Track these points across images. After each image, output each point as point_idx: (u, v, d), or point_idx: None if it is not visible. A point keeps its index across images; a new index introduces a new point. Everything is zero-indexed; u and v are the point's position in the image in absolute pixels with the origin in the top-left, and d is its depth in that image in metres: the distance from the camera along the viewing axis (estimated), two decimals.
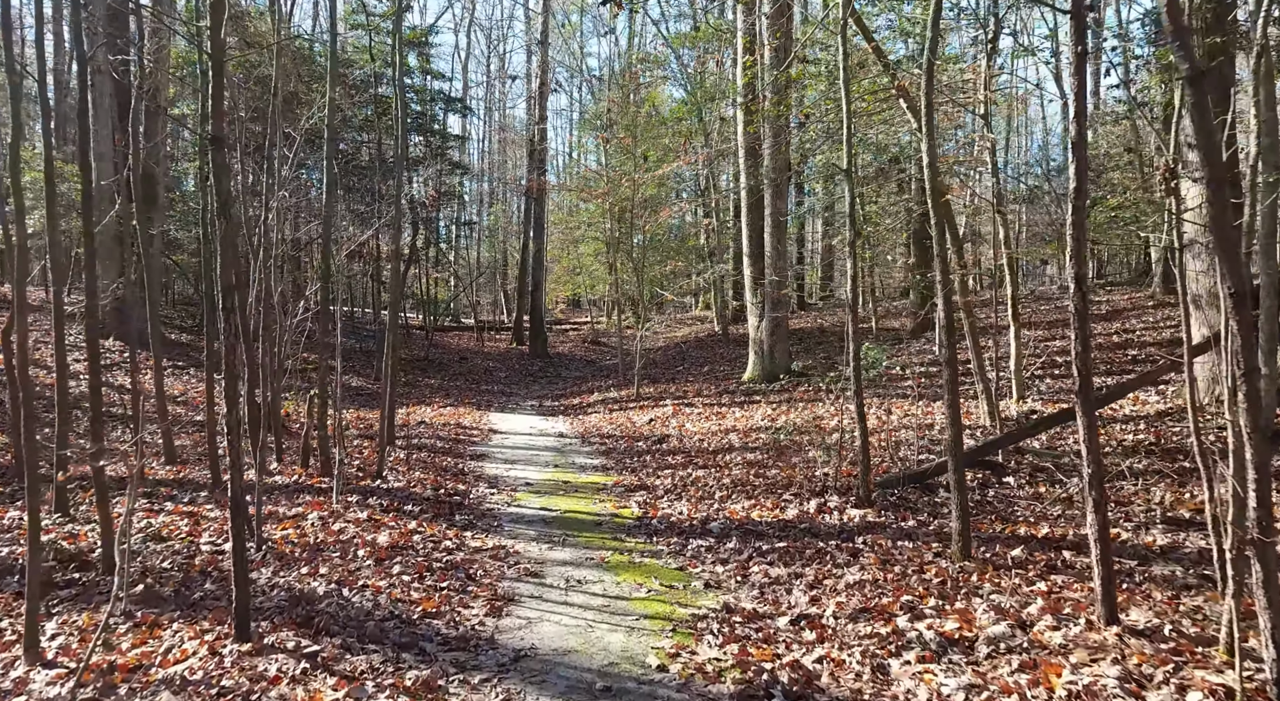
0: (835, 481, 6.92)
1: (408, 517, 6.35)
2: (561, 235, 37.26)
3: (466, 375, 20.55)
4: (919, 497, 6.39)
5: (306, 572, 4.81)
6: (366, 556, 5.17)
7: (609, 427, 12.10)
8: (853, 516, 5.94)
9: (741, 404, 12.65)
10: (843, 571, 4.71)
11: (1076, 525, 5.31)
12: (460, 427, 12.21)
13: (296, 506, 6.69)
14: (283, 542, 5.48)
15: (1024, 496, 6.26)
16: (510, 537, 5.98)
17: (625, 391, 15.93)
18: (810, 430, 9.98)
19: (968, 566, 4.54)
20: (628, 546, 5.72)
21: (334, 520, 6.12)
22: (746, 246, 14.65)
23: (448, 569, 5.05)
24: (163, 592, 4.47)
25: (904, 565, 4.71)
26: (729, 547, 5.48)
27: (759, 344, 14.25)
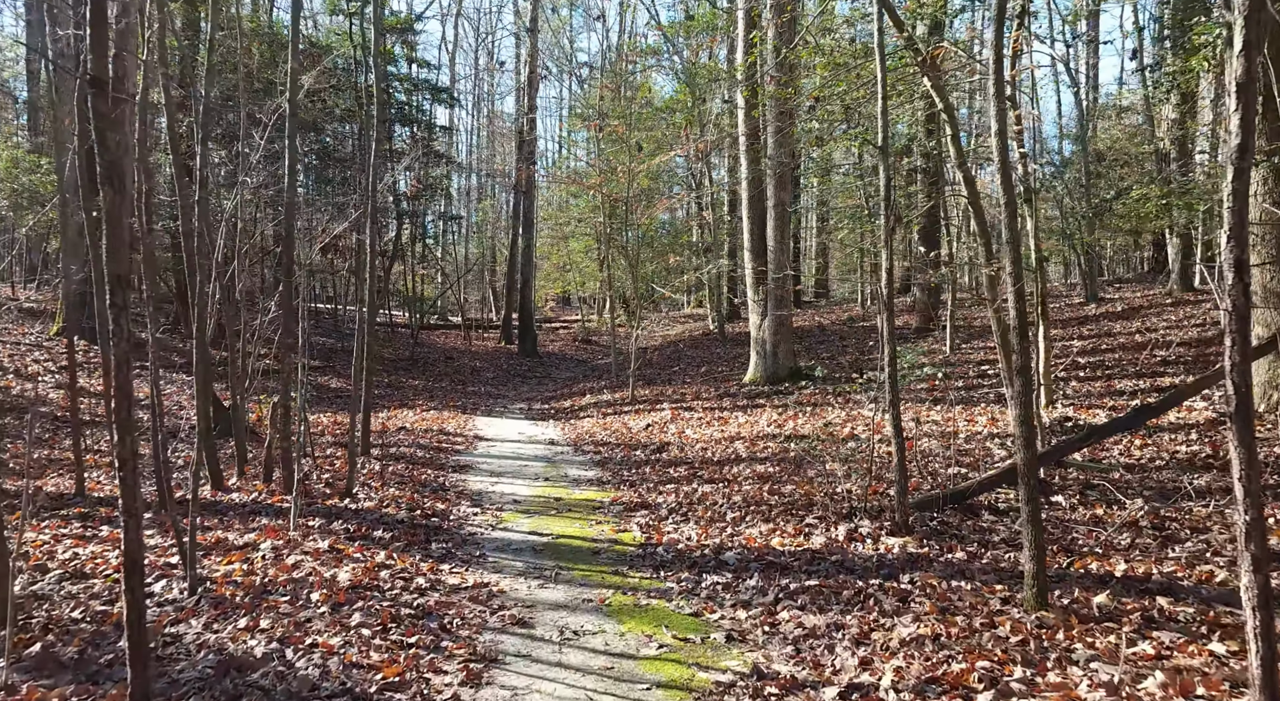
0: (864, 502, 6.12)
1: (376, 546, 5.52)
2: (551, 231, 36.37)
3: (452, 376, 19.69)
4: (961, 522, 5.60)
5: (245, 625, 3.98)
6: (322, 601, 4.33)
7: (603, 434, 11.28)
8: (890, 546, 5.15)
9: (745, 408, 11.86)
10: (893, 622, 3.92)
11: (1156, 559, 4.54)
12: (443, 434, 11.36)
13: (250, 532, 5.85)
14: (224, 582, 4.63)
15: (1081, 520, 5.49)
16: (494, 571, 5.15)
17: (619, 393, 15.12)
18: (823, 439, 9.20)
19: (1046, 618, 3.75)
20: (631, 583, 4.91)
21: (290, 551, 5.28)
22: (747, 240, 13.86)
23: (418, 616, 4.23)
24: (63, 655, 3.63)
25: (967, 614, 3.92)
26: (750, 586, 4.67)
27: (761, 344, 13.46)
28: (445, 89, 22.81)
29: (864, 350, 16.09)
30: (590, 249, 33.92)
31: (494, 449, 10.42)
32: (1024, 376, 3.93)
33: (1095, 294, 17.25)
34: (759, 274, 13.63)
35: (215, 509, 6.64)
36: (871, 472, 6.56)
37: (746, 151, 13.77)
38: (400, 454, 9.56)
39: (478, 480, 8.28)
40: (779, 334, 13.21)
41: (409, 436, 11.02)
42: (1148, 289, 17.71)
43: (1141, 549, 4.78)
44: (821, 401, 11.59)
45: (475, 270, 36.66)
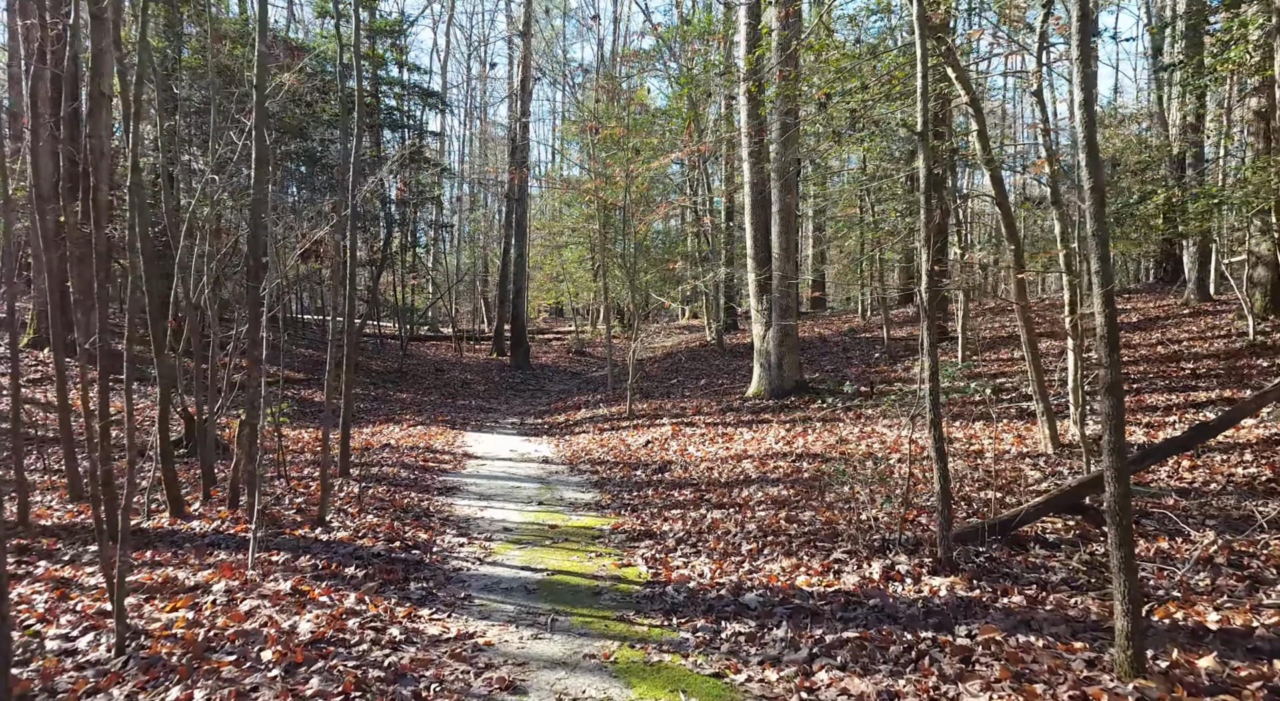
0: (896, 532, 5.47)
1: (347, 587, 4.84)
2: (544, 241, 35.77)
3: (442, 389, 19.00)
4: (1009, 557, 4.96)
5: (176, 698, 3.29)
6: (275, 661, 3.65)
7: (600, 451, 10.62)
8: (935, 588, 4.50)
9: (750, 423, 11.21)
10: (957, 690, 3.26)
11: (1251, 607, 3.90)
12: (430, 452, 10.68)
13: (205, 569, 5.16)
14: (161, 636, 3.95)
15: (1145, 555, 4.85)
16: (481, 617, 4.48)
17: (616, 408, 14.46)
18: (838, 458, 8.56)
19: (1148, 690, 3.10)
20: (639, 631, 4.24)
21: (246, 594, 4.60)
22: (750, 247, 13.25)
23: (389, 679, 3.55)
24: None
25: (1048, 681, 3.26)
26: (778, 637, 4.01)
27: (765, 355, 12.83)
28: (436, 93, 22.23)
29: (869, 363, 15.49)
30: (584, 259, 33.37)
31: (484, 468, 9.73)
32: (1115, 396, 3.29)
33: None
34: (762, 282, 13.02)
35: (171, 540, 5.95)
36: (901, 497, 5.91)
37: (750, 154, 13.18)
38: (383, 475, 8.87)
39: (465, 504, 7.60)
40: (784, 345, 12.58)
41: (393, 454, 10.33)
42: (1159, 298, 17.16)
43: (1227, 592, 4.15)
44: (831, 417, 10.96)
45: (467, 281, 36.01)
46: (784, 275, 12.52)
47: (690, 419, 12.19)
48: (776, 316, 12.54)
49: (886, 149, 13.73)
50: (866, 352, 16.77)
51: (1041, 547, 5.13)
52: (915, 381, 13.04)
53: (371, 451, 10.63)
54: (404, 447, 10.92)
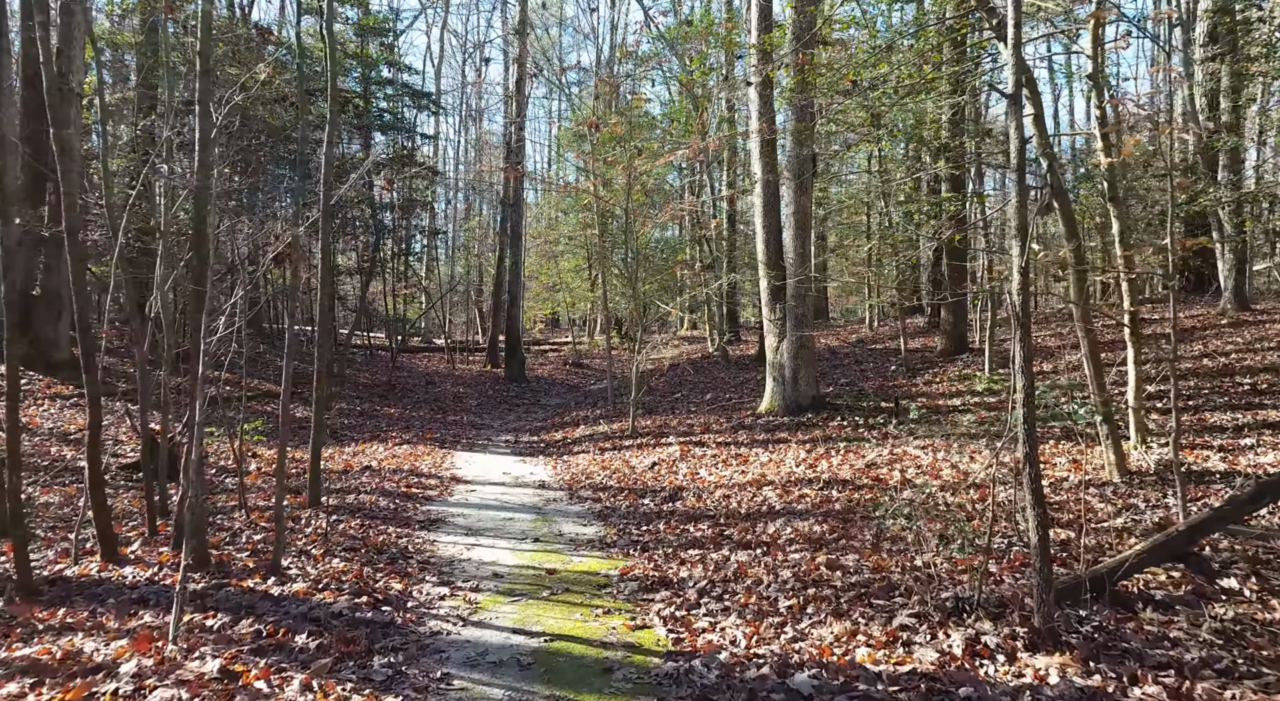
0: (974, 590, 4.50)
1: (293, 665, 3.86)
2: (540, 250, 34.80)
3: (433, 403, 18.01)
4: (1119, 623, 4.00)
5: None
6: None
7: (602, 475, 9.64)
8: (1041, 671, 3.54)
9: (765, 443, 10.25)
10: None
11: None
12: (415, 476, 9.69)
13: (122, 636, 4.18)
14: None
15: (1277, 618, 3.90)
16: None
17: (618, 424, 13.49)
18: (870, 486, 7.61)
19: None
20: None
21: (160, 678, 3.61)
22: (762, 252, 12.33)
23: None
24: None
25: None
26: None
27: (779, 368, 11.89)
28: (427, 94, 21.33)
29: (886, 376, 14.55)
30: (581, 268, 32.42)
31: (473, 495, 8.75)
32: None
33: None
34: (774, 289, 12.10)
35: (94, 592, 4.96)
36: (968, 541, 4.94)
37: (761, 152, 12.28)
38: (359, 504, 7.88)
39: (450, 541, 6.62)
40: (800, 357, 11.64)
41: (374, 479, 9.34)
42: (1186, 308, 16.27)
43: None
44: (854, 436, 10.01)
45: (460, 290, 35.09)
46: (799, 282, 11.60)
47: (699, 437, 11.23)
48: (791, 326, 11.60)
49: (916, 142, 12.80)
50: (881, 365, 15.85)
51: (1151, 608, 4.17)
52: (940, 396, 12.12)
53: (350, 475, 9.65)
54: (386, 470, 9.94)
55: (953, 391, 12.25)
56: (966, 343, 15.68)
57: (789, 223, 11.62)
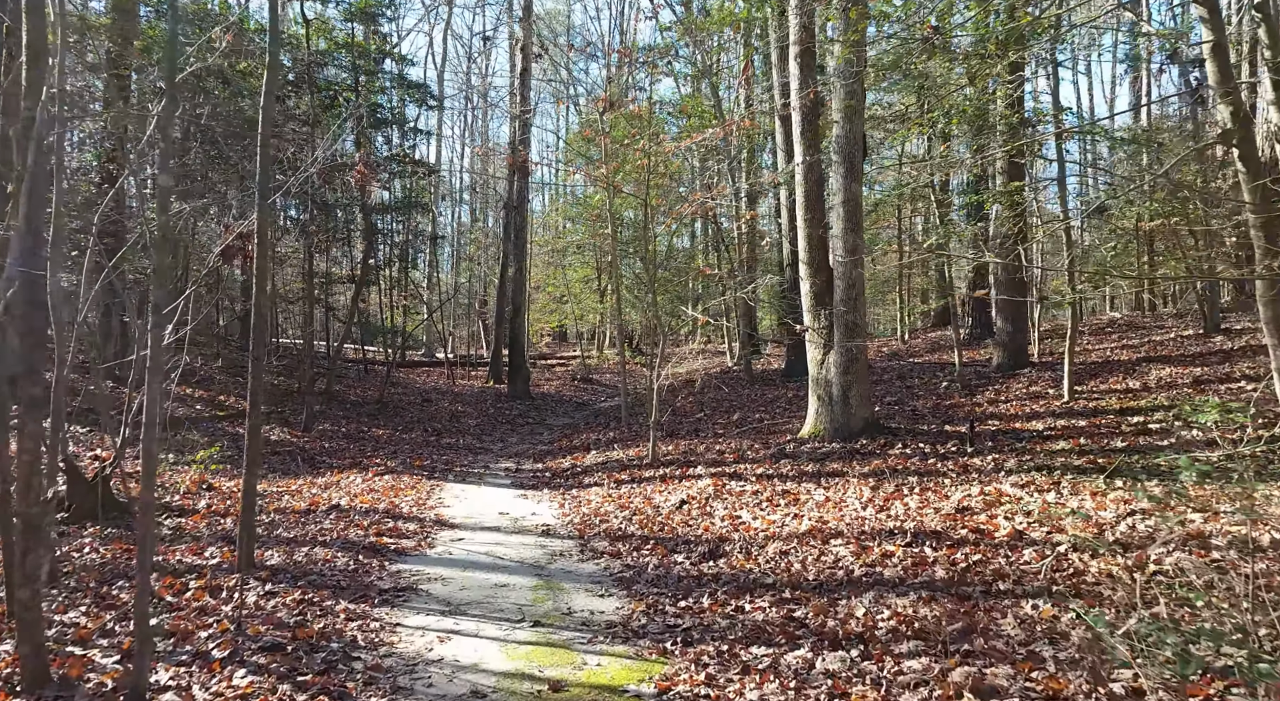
0: None
1: None
2: (547, 260, 33.16)
3: (427, 423, 16.27)
4: None
5: None
6: None
7: (620, 516, 7.87)
8: None
9: (816, 477, 8.47)
10: None
11: None
12: (391, 517, 7.94)
13: None
14: None
15: None
16: None
17: (634, 449, 11.71)
18: (972, 540, 5.81)
19: None
20: None
21: None
22: (804, 250, 10.59)
23: None
24: None
25: None
26: None
27: (824, 385, 10.12)
28: (422, 85, 19.74)
29: (939, 394, 12.75)
30: (589, 279, 30.73)
31: (460, 546, 6.98)
32: None
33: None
34: (819, 293, 10.36)
35: None
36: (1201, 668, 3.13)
37: (802, 132, 10.58)
38: (309, 562, 6.12)
39: (418, 626, 4.84)
40: (851, 372, 9.86)
41: (339, 523, 7.59)
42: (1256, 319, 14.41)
43: None
44: (925, 468, 8.22)
45: (462, 302, 33.45)
46: (850, 283, 9.85)
47: (733, 467, 9.45)
48: (840, 335, 9.84)
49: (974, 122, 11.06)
50: (928, 381, 14.05)
51: None
52: (1014, 418, 10.32)
53: (313, 516, 7.90)
54: (357, 511, 8.18)
55: (1028, 413, 10.44)
56: (1027, 356, 13.88)
57: (839, 214, 9.87)
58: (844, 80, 9.56)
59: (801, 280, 10.67)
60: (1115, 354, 13.75)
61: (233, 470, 10.90)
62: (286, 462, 11.77)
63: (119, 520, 7.71)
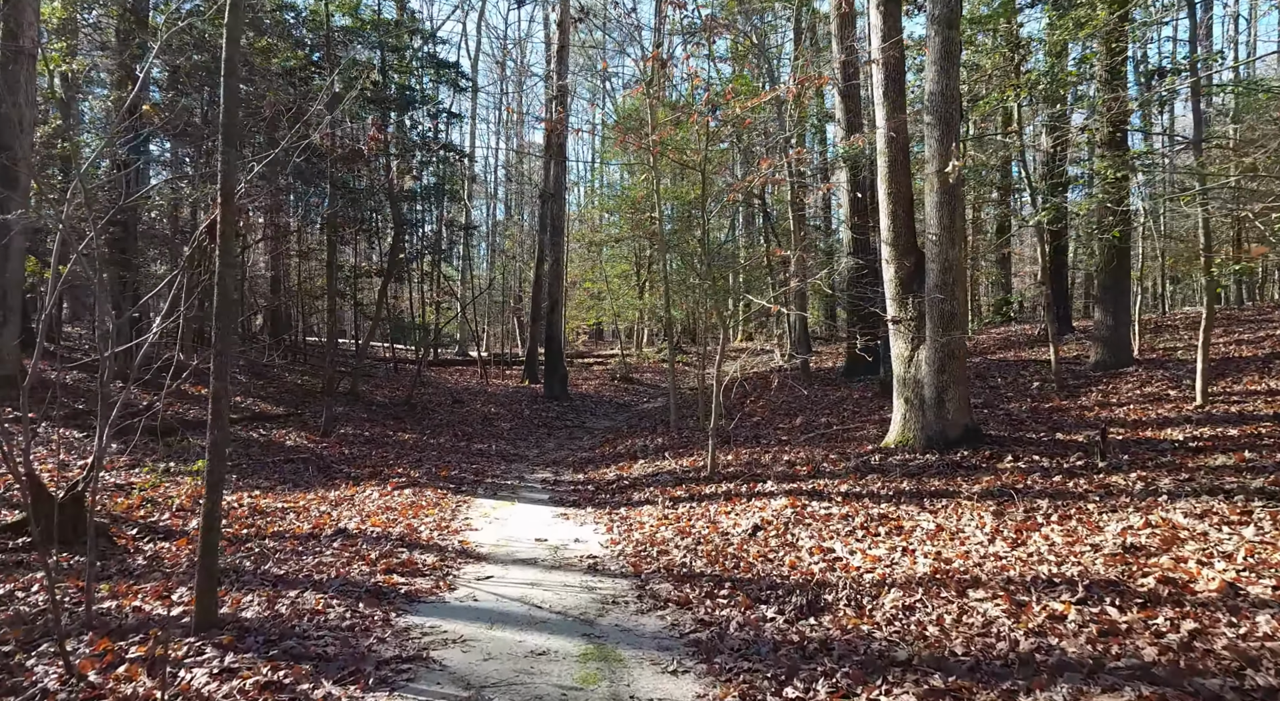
0: None
1: None
2: (584, 256, 31.89)
3: (458, 426, 15.03)
4: None
5: None
6: None
7: (682, 546, 6.47)
8: None
9: (917, 498, 6.99)
10: None
11: None
12: (407, 546, 6.62)
13: None
14: None
15: None
16: None
17: (688, 458, 10.31)
18: (1170, 597, 4.31)
19: None
20: None
21: None
22: (887, 229, 9.11)
23: None
24: None
25: None
26: None
27: (914, 386, 8.63)
28: (454, 65, 18.48)
29: (1032, 395, 11.16)
30: (628, 274, 29.38)
31: (487, 589, 5.62)
32: None
33: None
34: (906, 278, 8.87)
35: None
36: None
37: (885, 93, 9.10)
38: (293, 616, 4.79)
39: None
40: (948, 371, 8.35)
41: (343, 552, 6.29)
42: None
43: None
44: (1052, 488, 6.70)
45: (498, 300, 32.31)
46: (945, 266, 8.34)
47: (809, 484, 8.00)
48: (934, 327, 8.34)
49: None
50: (1015, 381, 12.44)
51: None
52: (1143, 426, 8.72)
53: (314, 543, 6.62)
54: (368, 536, 6.88)
55: (1156, 418, 8.83)
56: (1129, 352, 12.20)
57: (933, 185, 8.37)
58: (939, 25, 8.06)
59: (884, 264, 9.18)
60: (1232, 350, 12.03)
61: (238, 481, 9.73)
62: (299, 472, 10.56)
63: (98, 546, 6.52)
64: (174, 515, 7.79)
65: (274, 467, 10.74)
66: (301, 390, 16.34)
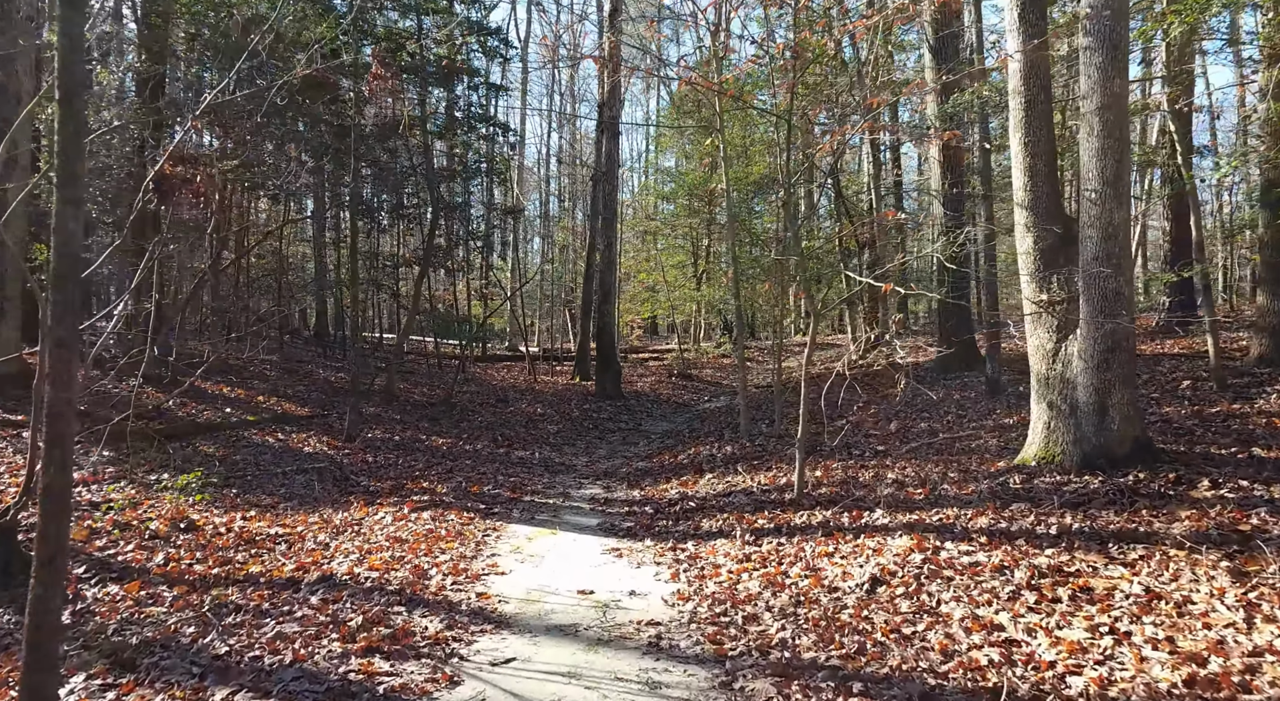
0: None
1: None
2: (636, 247, 30.27)
3: (499, 429, 13.48)
4: None
5: None
6: None
7: (775, 609, 4.72)
8: None
9: (1093, 541, 5.10)
10: None
11: None
12: (406, 604, 4.99)
13: None
14: None
15: None
16: None
17: (765, 475, 8.51)
18: None
19: None
20: None
21: None
22: (1021, 189, 7.20)
23: None
24: None
25: None
26: None
27: (1061, 387, 6.73)
28: (497, 30, 16.90)
29: (1183, 396, 9.08)
30: (683, 264, 27.66)
31: (502, 684, 3.95)
32: None
33: None
34: (1050, 249, 6.97)
35: None
36: None
37: (1020, 14, 7.18)
38: None
39: None
40: (1112, 368, 6.42)
41: (320, 613, 4.70)
42: None
43: None
44: None
45: (548, 294, 30.85)
46: (1108, 231, 6.40)
47: (934, 514, 6.16)
48: (1094, 312, 6.42)
49: None
50: (1155, 378, 10.34)
51: None
52: None
53: (291, 597, 5.06)
54: (360, 587, 5.29)
55: None
56: None
57: (1092, 129, 6.43)
58: None
59: (1019, 233, 7.26)
60: None
61: (236, 497, 8.30)
62: (310, 485, 9.11)
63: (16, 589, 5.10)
64: (141, 545, 6.35)
65: (284, 479, 9.31)
66: (333, 388, 15.01)
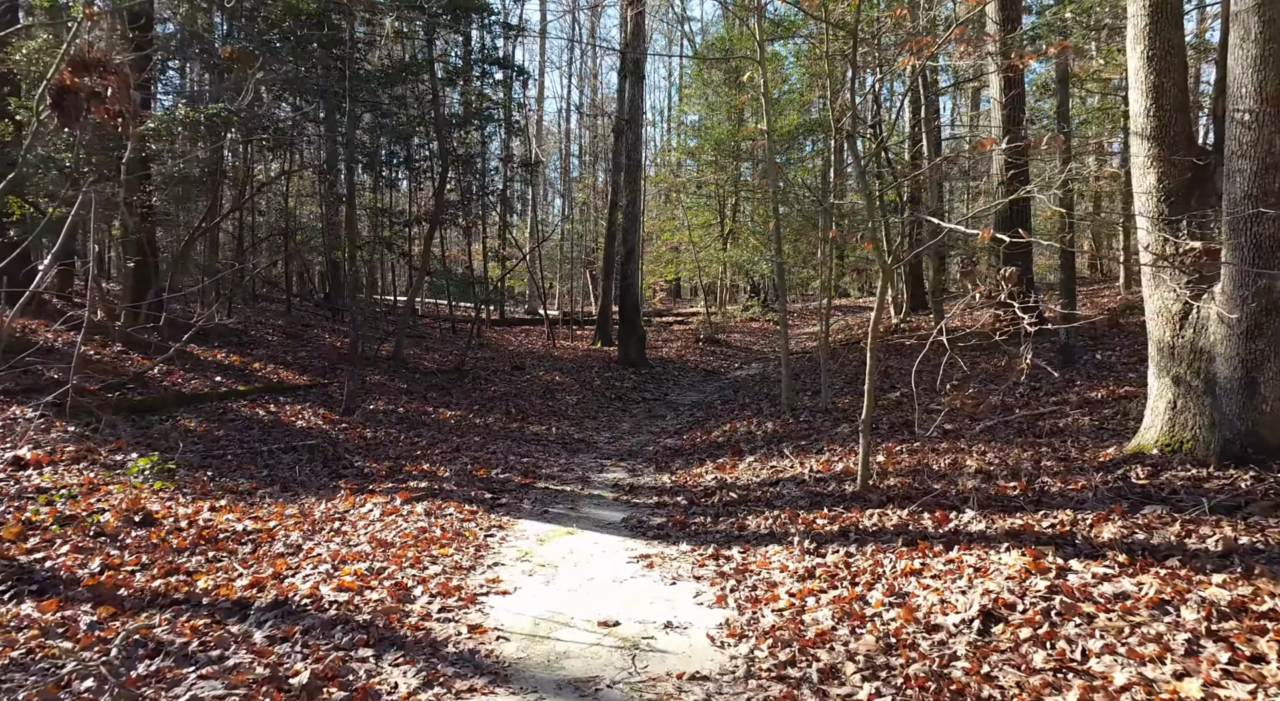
0: None
1: None
2: (659, 206, 28.91)
3: (513, 399, 12.36)
4: None
5: None
6: None
7: (860, 658, 3.54)
8: None
9: (1267, 561, 3.87)
10: None
11: None
12: (375, 645, 3.87)
13: None
14: None
15: None
16: None
17: (817, 459, 7.29)
18: None
19: None
20: None
21: None
22: (1142, 115, 5.84)
23: None
24: None
25: None
26: None
27: (1194, 356, 5.45)
28: None
29: None
30: (709, 224, 26.32)
31: None
32: None
33: None
34: (1181, 187, 5.64)
35: None
36: None
37: None
38: None
39: None
40: (1265, 333, 5.11)
41: (257, 663, 3.60)
42: None
43: None
44: None
45: (569, 256, 29.58)
46: (1266, 163, 5.06)
47: (1041, 518, 4.94)
48: (1244, 263, 5.10)
49: None
50: None
51: None
52: None
53: (224, 638, 3.97)
54: (323, 613, 4.19)
55: None
56: None
57: (1243, 28, 5.05)
58: None
59: (1138, 167, 5.92)
60: None
61: (210, 481, 7.25)
62: (294, 466, 8.05)
63: None
64: (80, 546, 5.30)
65: (268, 458, 8.26)
66: (337, 355, 13.95)
